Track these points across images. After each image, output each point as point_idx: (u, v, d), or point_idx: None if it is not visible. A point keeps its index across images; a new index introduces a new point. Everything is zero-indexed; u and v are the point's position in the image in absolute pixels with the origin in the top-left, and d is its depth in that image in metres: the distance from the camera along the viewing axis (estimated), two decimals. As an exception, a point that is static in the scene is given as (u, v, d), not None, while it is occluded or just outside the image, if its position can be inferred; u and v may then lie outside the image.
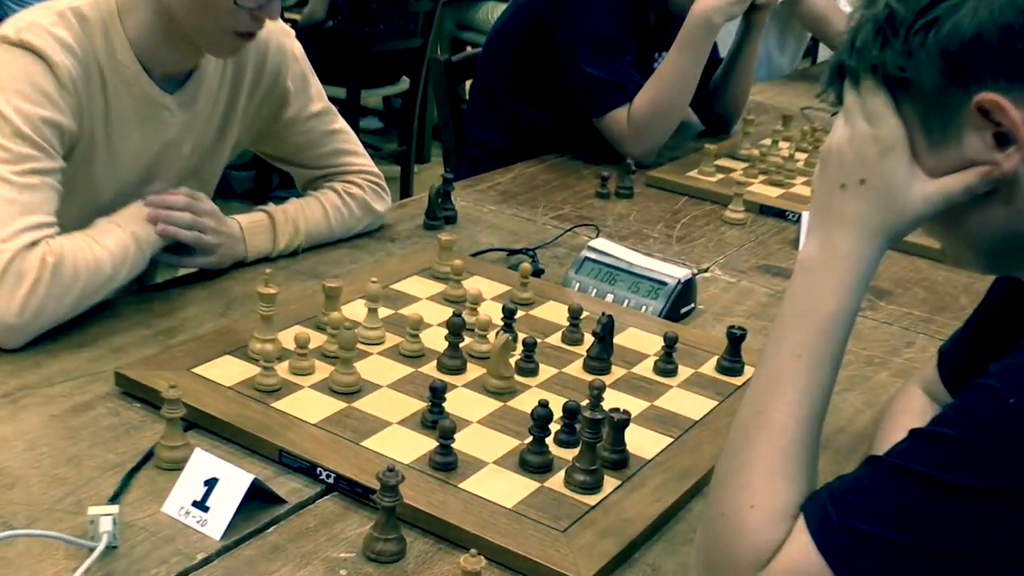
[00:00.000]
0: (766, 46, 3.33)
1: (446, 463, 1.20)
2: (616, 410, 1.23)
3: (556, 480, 1.20)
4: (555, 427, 1.25)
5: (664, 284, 1.65)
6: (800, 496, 0.92)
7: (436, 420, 1.24)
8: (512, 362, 1.40)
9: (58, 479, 1.16)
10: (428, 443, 1.24)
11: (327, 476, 1.19)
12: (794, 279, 0.99)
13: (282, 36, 1.74)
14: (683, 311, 1.67)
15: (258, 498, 1.14)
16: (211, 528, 1.10)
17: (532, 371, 1.42)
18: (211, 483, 1.12)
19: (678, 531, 1.18)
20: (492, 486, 1.18)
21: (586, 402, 1.23)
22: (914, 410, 1.22)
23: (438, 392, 1.27)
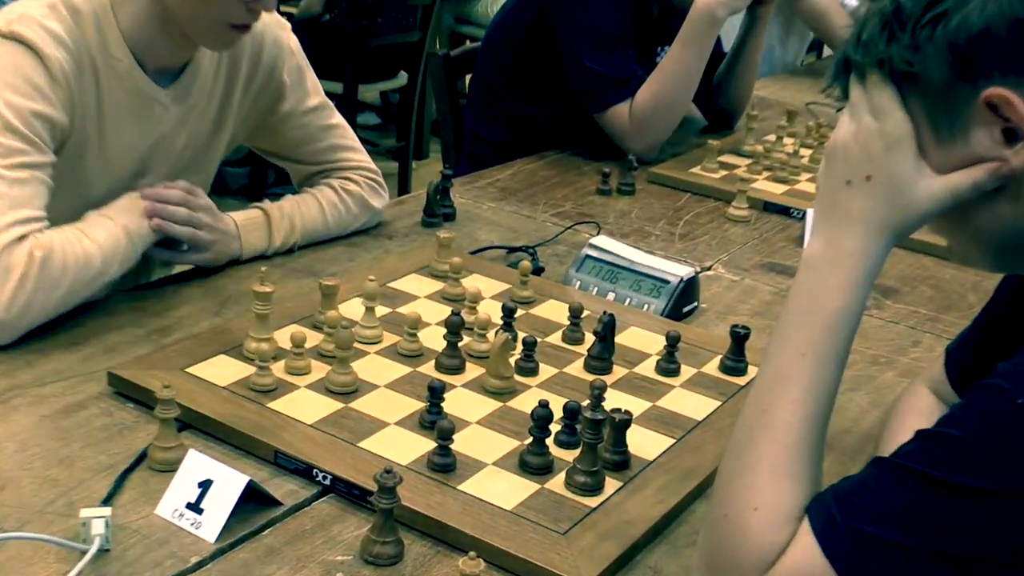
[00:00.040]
0: (768, 40, 3.33)
1: (445, 464, 1.20)
2: (617, 410, 1.23)
3: (556, 482, 1.20)
4: (555, 428, 1.25)
5: (666, 282, 1.65)
6: (804, 497, 0.92)
7: (434, 420, 1.24)
8: (512, 362, 1.40)
9: (50, 481, 1.16)
10: (426, 444, 1.24)
11: (323, 478, 1.19)
12: (799, 277, 0.99)
13: (278, 29, 1.74)
14: (686, 310, 1.67)
15: (253, 500, 1.14)
16: (205, 531, 1.10)
17: (532, 371, 1.42)
18: (205, 485, 1.12)
19: (680, 533, 1.18)
20: (491, 488, 1.18)
21: (587, 402, 1.23)
22: (921, 410, 1.22)
23: (436, 392, 1.27)
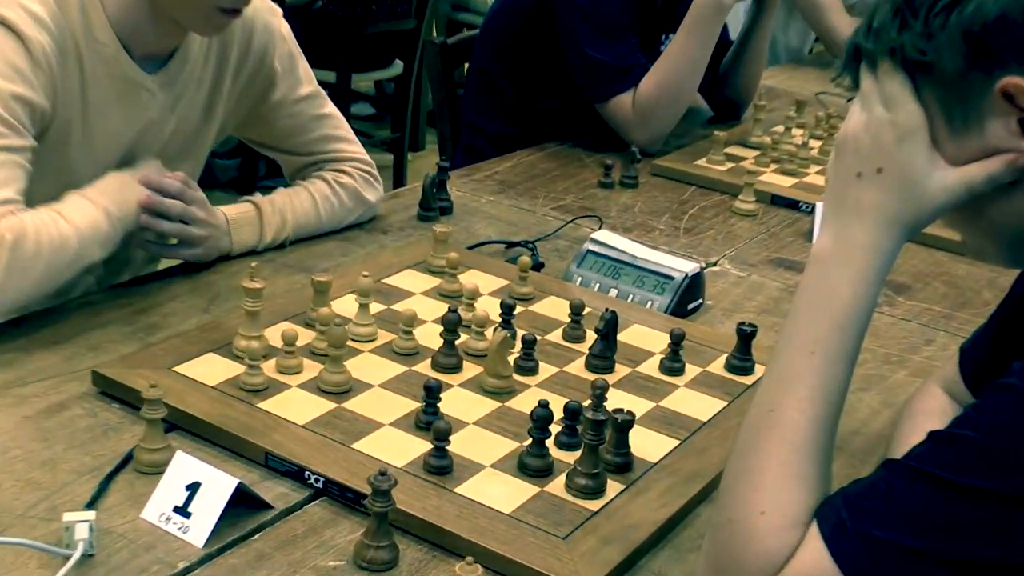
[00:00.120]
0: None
1: (441, 466, 1.20)
2: (620, 411, 1.23)
3: (557, 484, 1.21)
4: (556, 429, 1.26)
5: (670, 278, 1.65)
6: (813, 500, 0.92)
7: (430, 421, 1.24)
8: (511, 360, 1.40)
9: (32, 484, 1.16)
10: (422, 445, 1.24)
11: (316, 480, 1.19)
12: (807, 273, 0.99)
13: (269, 15, 1.74)
14: (690, 307, 1.67)
15: (243, 503, 1.14)
16: (193, 535, 1.10)
17: (531, 370, 1.42)
18: (193, 488, 1.12)
19: (685, 538, 1.18)
20: (489, 490, 1.18)
21: (588, 402, 1.23)
22: (934, 411, 1.22)
23: (433, 392, 1.27)
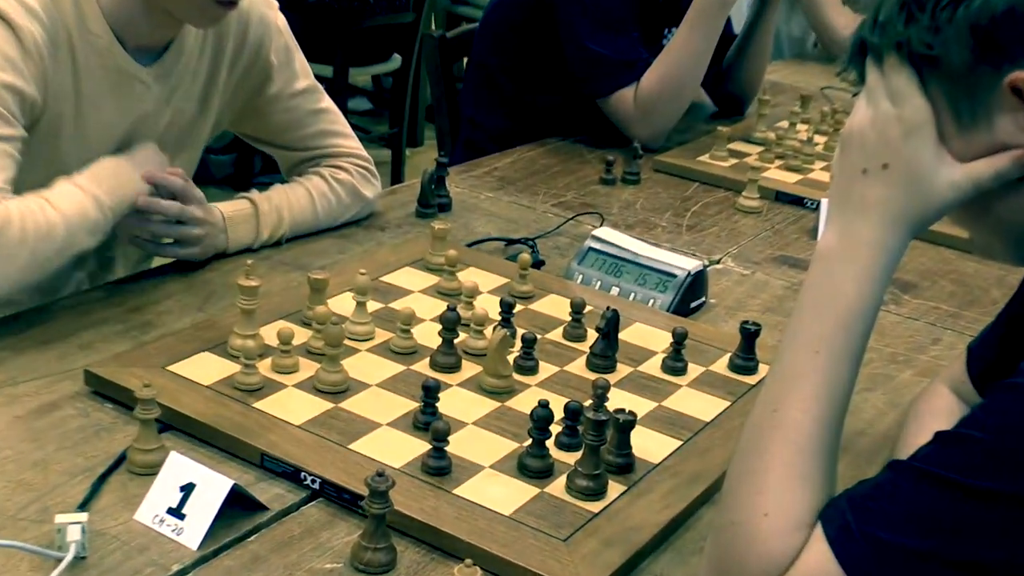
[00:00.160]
0: None
1: (439, 467, 1.20)
2: (621, 411, 1.23)
3: (557, 485, 1.21)
4: (556, 429, 1.26)
5: (673, 276, 1.65)
6: (817, 502, 0.92)
7: (429, 421, 1.24)
8: (510, 359, 1.40)
9: (23, 485, 1.16)
10: (420, 446, 1.24)
11: (312, 481, 1.19)
12: (812, 270, 0.99)
13: (265, 7, 1.74)
14: (693, 305, 1.67)
15: (238, 505, 1.14)
16: (187, 537, 1.10)
17: (531, 369, 1.42)
18: (187, 489, 1.12)
19: (687, 540, 1.18)
20: (488, 492, 1.18)
21: (589, 402, 1.23)
22: (940, 411, 1.22)
23: (431, 391, 1.27)
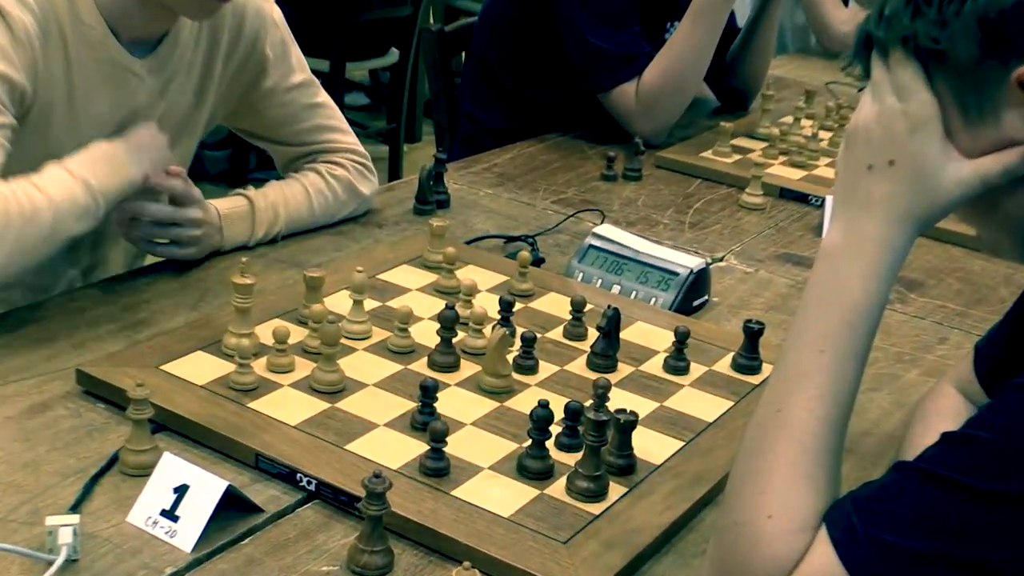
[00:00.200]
0: None
1: (437, 468, 1.20)
2: (622, 411, 1.23)
3: (557, 487, 1.21)
4: (556, 429, 1.25)
5: (675, 274, 1.65)
6: (822, 503, 0.92)
7: (427, 422, 1.24)
8: (509, 359, 1.40)
9: (13, 486, 1.16)
10: (418, 447, 1.24)
11: (308, 483, 1.19)
12: (816, 268, 0.99)
13: (261, 0, 1.74)
14: (696, 304, 1.67)
15: (233, 506, 1.14)
16: (181, 539, 1.10)
17: (531, 369, 1.42)
18: (181, 490, 1.12)
19: (689, 542, 1.18)
20: (487, 493, 1.18)
21: (590, 402, 1.23)
22: (947, 411, 1.22)
23: (429, 391, 1.27)
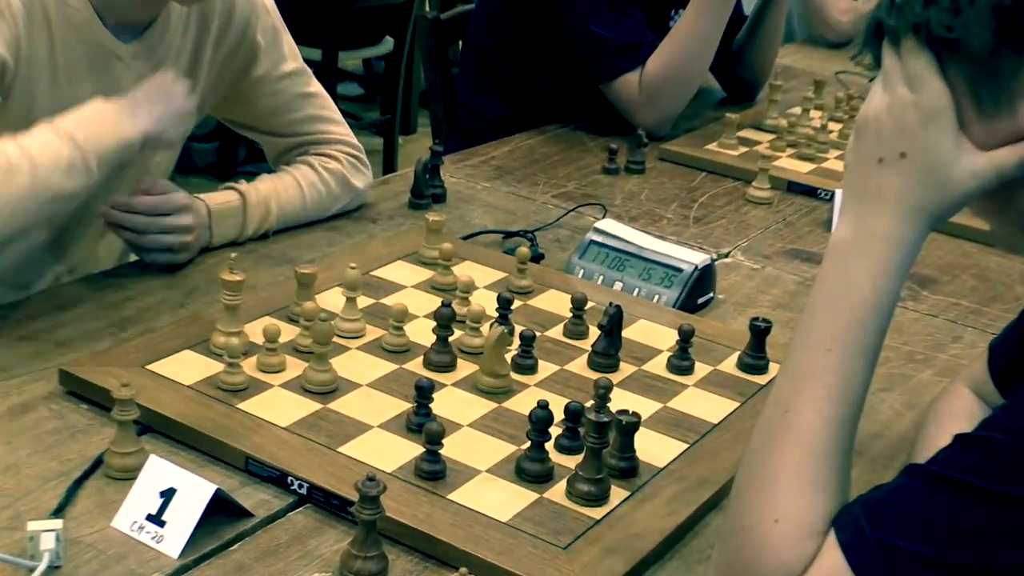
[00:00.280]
0: None
1: (433, 471, 1.20)
2: (624, 412, 1.23)
3: (557, 491, 1.21)
4: (556, 431, 1.26)
5: (679, 271, 1.65)
6: (831, 508, 0.92)
7: (422, 423, 1.24)
8: (508, 358, 1.40)
9: (-5, 490, 1.16)
10: (413, 449, 1.24)
11: (299, 486, 1.19)
12: (825, 264, 0.99)
13: None
14: (700, 301, 1.67)
15: (221, 511, 1.14)
16: (168, 545, 1.10)
17: (530, 368, 1.42)
18: (168, 494, 1.12)
19: (693, 548, 1.18)
20: (485, 497, 1.18)
21: (591, 403, 1.23)
22: (961, 412, 1.22)
23: (425, 392, 1.27)
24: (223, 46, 1.73)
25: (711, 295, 1.70)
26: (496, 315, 1.48)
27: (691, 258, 1.67)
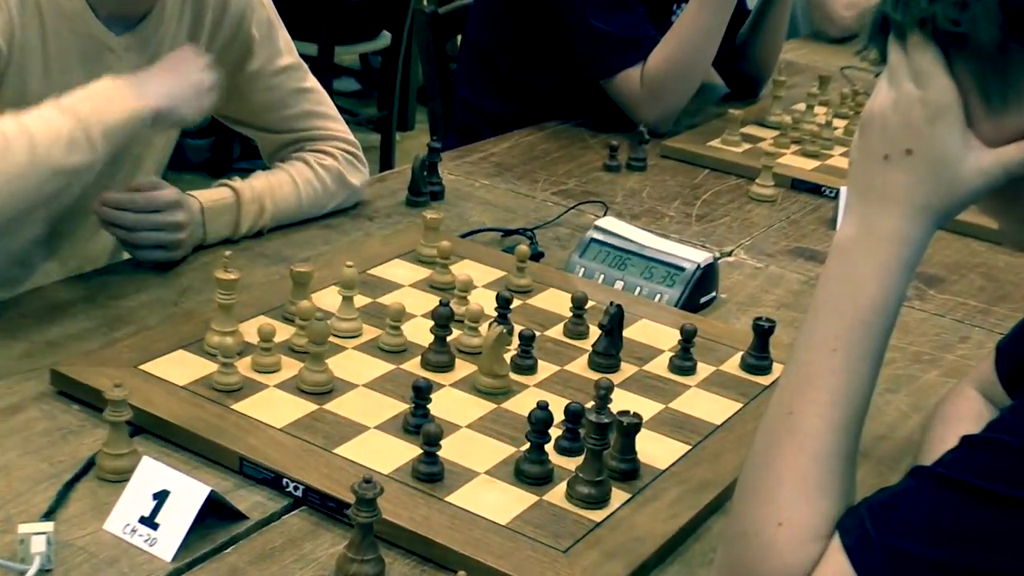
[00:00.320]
0: None
1: (431, 473, 1.20)
2: (625, 413, 1.23)
3: (557, 493, 1.21)
4: (556, 432, 1.26)
5: (681, 269, 1.65)
6: (835, 511, 0.92)
7: (420, 424, 1.24)
8: (507, 358, 1.40)
9: (-15, 492, 1.16)
10: (411, 450, 1.24)
11: (294, 488, 1.19)
12: (829, 263, 0.99)
13: None
14: (703, 300, 1.67)
15: (215, 513, 1.14)
16: (161, 548, 1.10)
17: (530, 368, 1.42)
18: (161, 496, 1.12)
19: (695, 552, 1.18)
20: (483, 499, 1.18)
21: (591, 404, 1.23)
22: (968, 414, 1.22)
23: (422, 392, 1.27)
24: (217, 40, 1.73)
25: (714, 294, 1.70)
26: (495, 314, 1.48)
27: (693, 257, 1.67)
